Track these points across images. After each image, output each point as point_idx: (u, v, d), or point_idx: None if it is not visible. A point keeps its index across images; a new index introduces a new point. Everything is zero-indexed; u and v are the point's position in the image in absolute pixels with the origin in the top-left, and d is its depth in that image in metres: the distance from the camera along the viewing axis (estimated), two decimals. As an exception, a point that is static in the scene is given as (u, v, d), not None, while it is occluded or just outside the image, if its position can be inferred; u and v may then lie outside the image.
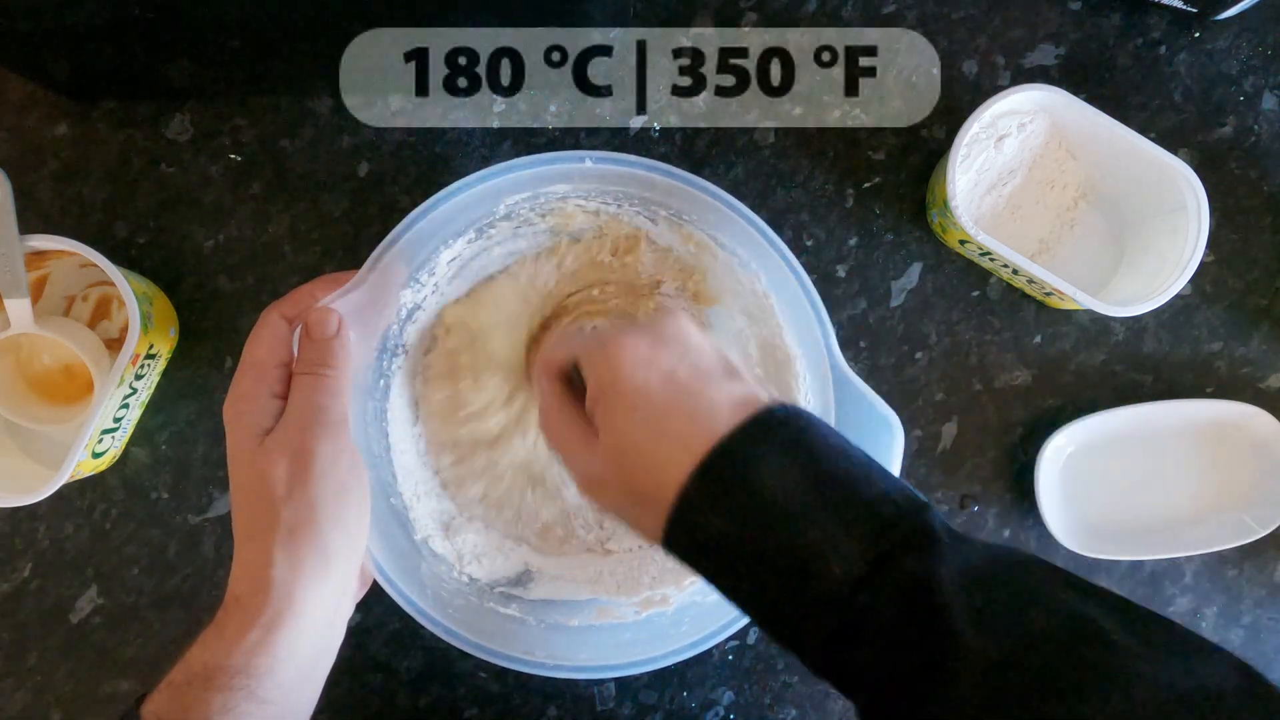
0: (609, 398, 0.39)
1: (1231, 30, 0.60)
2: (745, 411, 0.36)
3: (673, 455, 0.36)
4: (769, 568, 0.34)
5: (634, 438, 0.38)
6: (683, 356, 0.39)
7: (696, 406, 0.37)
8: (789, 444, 0.35)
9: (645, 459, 0.37)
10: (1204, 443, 0.59)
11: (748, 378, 0.39)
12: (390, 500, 0.53)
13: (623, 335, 0.40)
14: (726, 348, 0.41)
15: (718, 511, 0.35)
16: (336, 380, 0.43)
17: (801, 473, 0.35)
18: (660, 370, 0.38)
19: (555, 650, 0.51)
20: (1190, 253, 0.53)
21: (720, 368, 0.39)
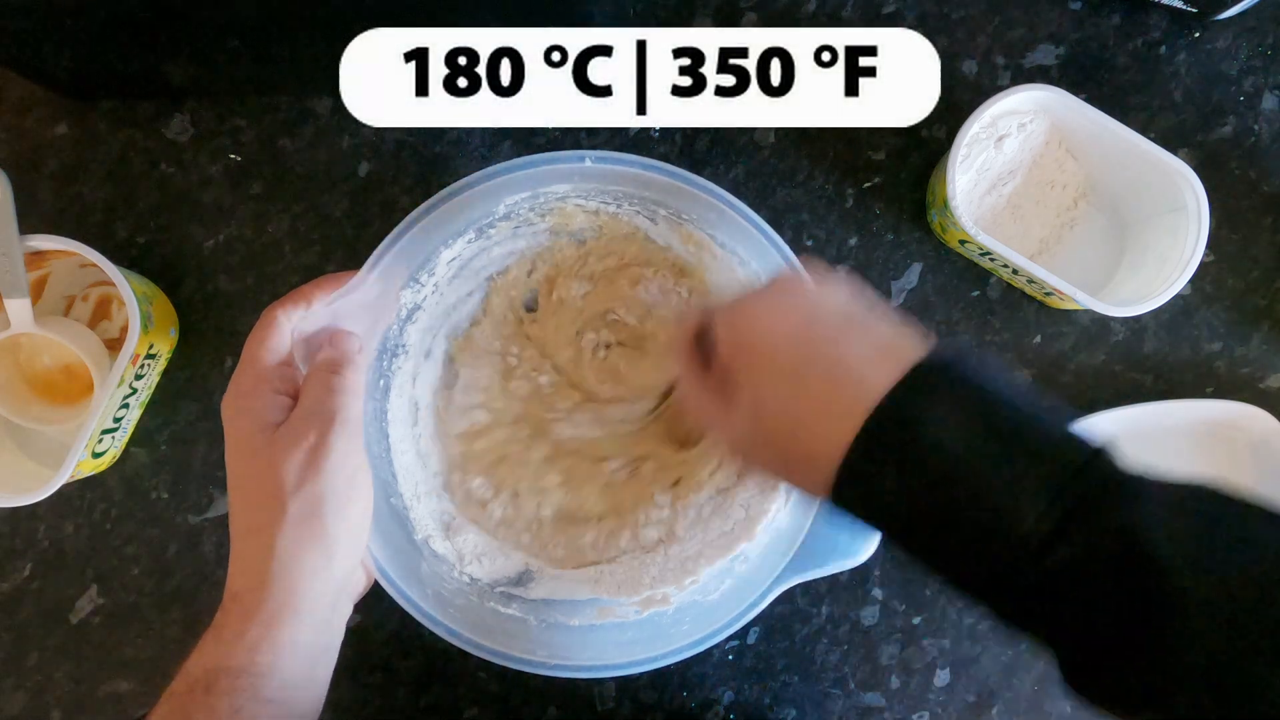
0: (746, 365, 0.38)
1: (1231, 30, 0.60)
2: (895, 362, 0.34)
3: (821, 419, 0.35)
4: (952, 525, 0.33)
5: (778, 406, 0.37)
6: (814, 314, 0.38)
7: (839, 363, 0.35)
8: (954, 393, 0.34)
9: (793, 427, 0.36)
10: (1204, 443, 0.59)
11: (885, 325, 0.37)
12: (390, 500, 0.54)
13: (751, 301, 0.40)
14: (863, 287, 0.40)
15: (886, 476, 0.34)
16: (356, 381, 0.44)
17: (972, 422, 0.33)
18: (792, 332, 0.37)
19: (556, 650, 0.51)
20: (1190, 253, 0.53)
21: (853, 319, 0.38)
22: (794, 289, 0.40)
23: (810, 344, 0.37)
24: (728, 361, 0.40)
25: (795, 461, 0.37)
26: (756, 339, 0.38)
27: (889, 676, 0.59)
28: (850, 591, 0.59)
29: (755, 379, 0.38)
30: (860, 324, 0.37)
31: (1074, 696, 0.33)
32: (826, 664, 0.59)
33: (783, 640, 0.59)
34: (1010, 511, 0.32)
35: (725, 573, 0.54)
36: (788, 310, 0.38)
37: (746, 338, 0.38)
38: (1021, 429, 0.33)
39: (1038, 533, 0.31)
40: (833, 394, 0.35)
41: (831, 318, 0.38)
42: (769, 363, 0.37)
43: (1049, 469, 0.32)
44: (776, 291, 0.40)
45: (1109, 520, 0.31)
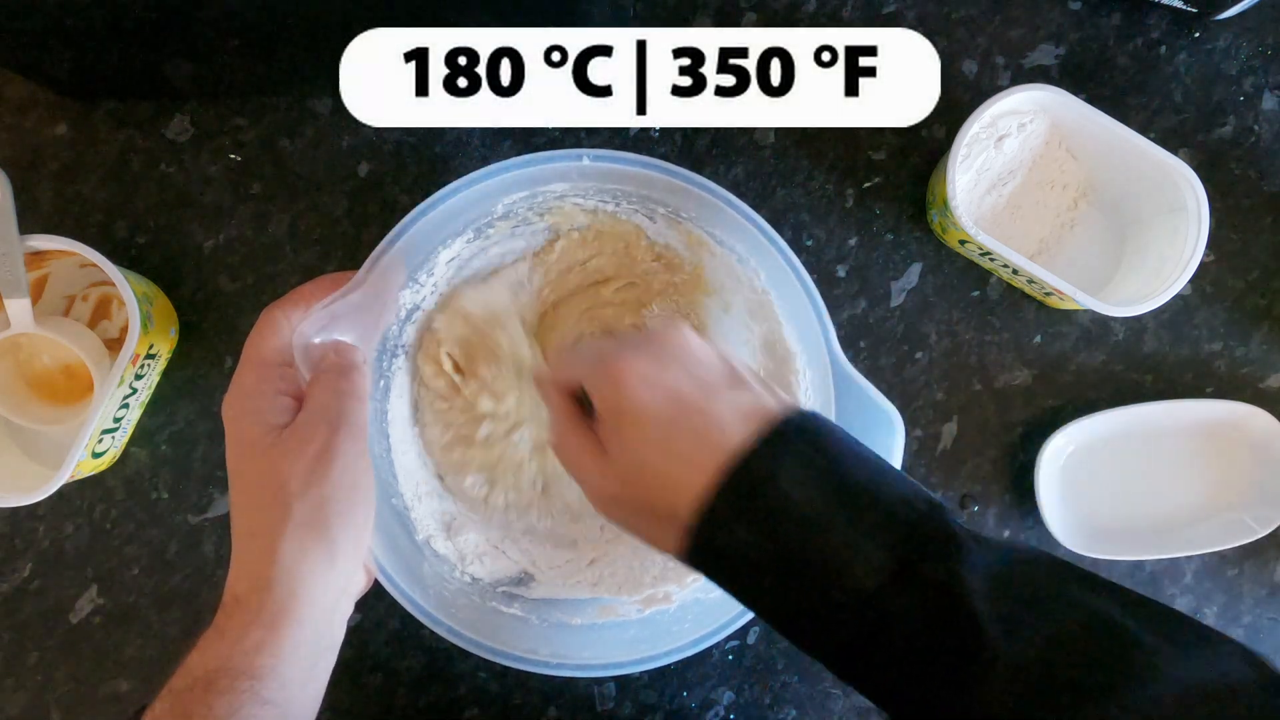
0: (616, 419, 0.39)
1: (1231, 30, 0.60)
2: (756, 423, 0.36)
3: (685, 475, 0.36)
4: (793, 577, 0.35)
5: (644, 458, 0.38)
6: (687, 371, 0.39)
7: (705, 423, 0.37)
8: (806, 453, 0.36)
9: (658, 479, 0.37)
10: (1204, 443, 0.59)
11: (753, 384, 0.39)
12: (392, 501, 0.54)
13: (624, 355, 0.39)
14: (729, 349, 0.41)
15: (739, 525, 0.35)
16: (361, 386, 0.44)
17: (821, 481, 0.35)
18: (665, 388, 0.38)
19: (558, 649, 0.51)
20: (1190, 253, 0.53)
21: (725, 378, 0.39)
22: (668, 343, 0.40)
23: (680, 401, 0.38)
24: (604, 414, 0.40)
25: (657, 518, 0.38)
26: (630, 395, 0.38)
27: (889, 676, 0.59)
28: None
29: (627, 435, 0.38)
30: (732, 382, 0.39)
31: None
32: (826, 664, 0.59)
33: (783, 640, 0.59)
34: (846, 564, 0.33)
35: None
36: (661, 367, 0.39)
37: (621, 394, 0.38)
38: (868, 487, 0.35)
39: (873, 584, 0.33)
40: (697, 450, 0.36)
41: (704, 375, 0.39)
42: (641, 419, 0.38)
43: (888, 524, 0.34)
44: (651, 346, 0.40)
45: (936, 574, 0.33)
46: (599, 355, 0.41)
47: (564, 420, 0.43)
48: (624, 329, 0.57)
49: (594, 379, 0.41)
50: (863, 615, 0.33)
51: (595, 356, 0.41)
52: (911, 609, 0.33)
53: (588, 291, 0.57)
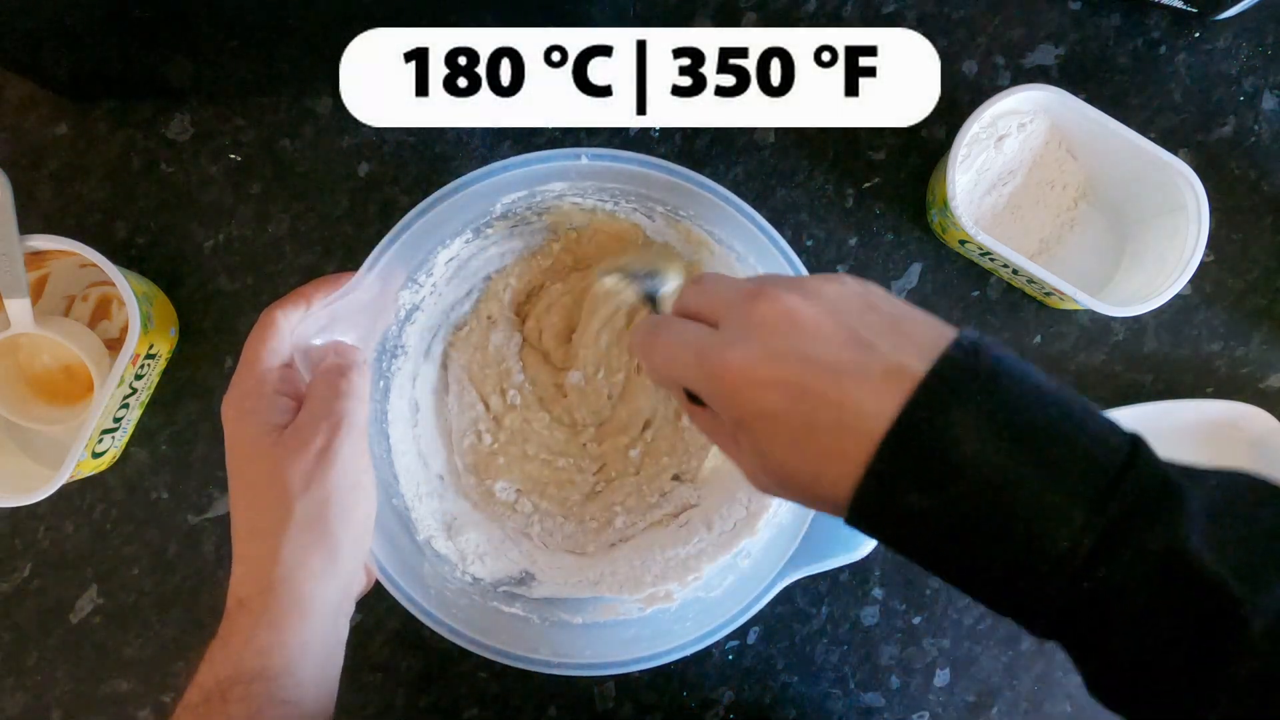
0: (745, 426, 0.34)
1: (1231, 30, 0.60)
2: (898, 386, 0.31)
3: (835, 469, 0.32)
4: (983, 545, 0.30)
5: (784, 462, 0.33)
6: (802, 353, 0.33)
7: (841, 413, 0.32)
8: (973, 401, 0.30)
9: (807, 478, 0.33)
10: (1204, 443, 0.59)
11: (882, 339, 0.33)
12: (392, 501, 0.54)
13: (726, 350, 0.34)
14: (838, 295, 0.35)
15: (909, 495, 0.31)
16: (361, 386, 0.44)
17: (999, 430, 0.30)
18: (784, 384, 0.33)
19: (559, 648, 0.51)
20: (1190, 253, 0.53)
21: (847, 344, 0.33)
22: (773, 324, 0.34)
23: (807, 395, 0.32)
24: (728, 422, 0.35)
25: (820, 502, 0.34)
26: (749, 403, 0.33)
27: (889, 676, 0.59)
28: (850, 591, 0.59)
29: (758, 439, 0.34)
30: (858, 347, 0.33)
31: (1103, 705, 0.32)
32: (826, 664, 0.59)
33: (783, 640, 0.59)
34: (1044, 530, 0.29)
35: (728, 569, 0.54)
36: (772, 361, 0.33)
37: (738, 402, 0.34)
38: (1055, 430, 0.30)
39: (1076, 552, 0.29)
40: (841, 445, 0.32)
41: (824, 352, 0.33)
42: (769, 423, 0.33)
43: (1086, 475, 0.29)
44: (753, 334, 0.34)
45: (1152, 537, 0.29)
46: (696, 349, 0.36)
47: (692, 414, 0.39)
48: None
49: (701, 386, 0.36)
50: (1069, 584, 0.29)
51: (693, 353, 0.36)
52: (1133, 577, 0.29)
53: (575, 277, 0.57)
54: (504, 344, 0.57)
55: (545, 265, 0.57)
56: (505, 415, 0.57)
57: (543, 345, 0.57)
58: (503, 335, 0.57)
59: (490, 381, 0.57)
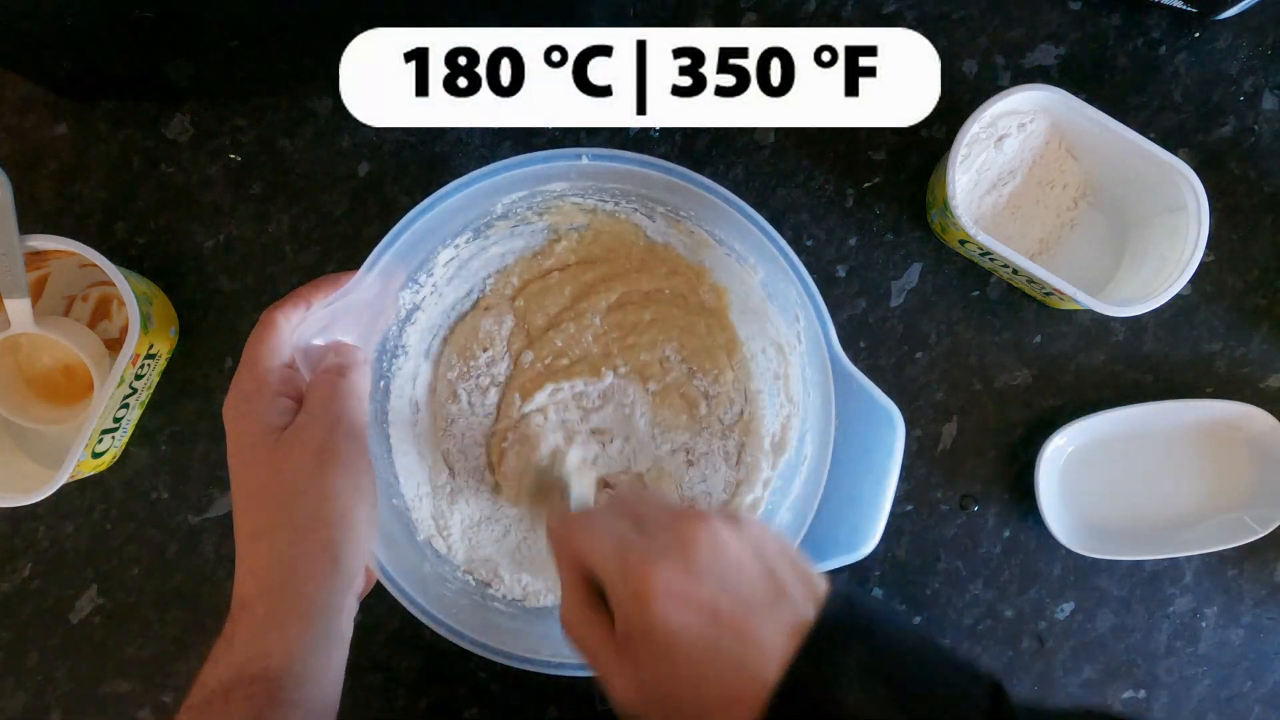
0: (642, 641, 0.34)
1: (1231, 30, 0.60)
2: (798, 638, 0.32)
3: (724, 707, 0.32)
4: None
5: (673, 687, 0.33)
6: (723, 583, 0.34)
7: (745, 650, 0.32)
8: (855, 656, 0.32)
9: (690, 710, 0.33)
10: (1204, 443, 0.59)
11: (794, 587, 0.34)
12: (393, 501, 0.54)
13: (650, 560, 0.34)
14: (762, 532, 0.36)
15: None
16: (361, 385, 0.44)
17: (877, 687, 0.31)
18: (699, 607, 0.33)
19: (558, 649, 0.51)
20: (1190, 253, 0.53)
21: (765, 588, 0.34)
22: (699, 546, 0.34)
23: (718, 621, 0.33)
24: (626, 629, 0.35)
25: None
26: (659, 616, 0.33)
27: (889, 676, 0.59)
28: None
29: (655, 658, 0.33)
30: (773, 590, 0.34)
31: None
32: (826, 664, 0.59)
33: (783, 640, 0.59)
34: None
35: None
36: (693, 580, 0.33)
37: (648, 612, 0.33)
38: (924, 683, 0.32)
39: None
40: (736, 682, 0.32)
41: (743, 586, 0.34)
42: (671, 644, 0.33)
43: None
44: (680, 551, 0.34)
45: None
46: (619, 549, 0.36)
47: (576, 604, 0.37)
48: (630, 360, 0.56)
49: (613, 582, 0.35)
50: None
51: (615, 548, 0.36)
52: None
53: (580, 305, 0.57)
54: (494, 329, 0.56)
55: (546, 265, 0.57)
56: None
57: (529, 325, 0.57)
58: (493, 320, 0.57)
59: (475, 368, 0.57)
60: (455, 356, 0.56)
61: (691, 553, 0.34)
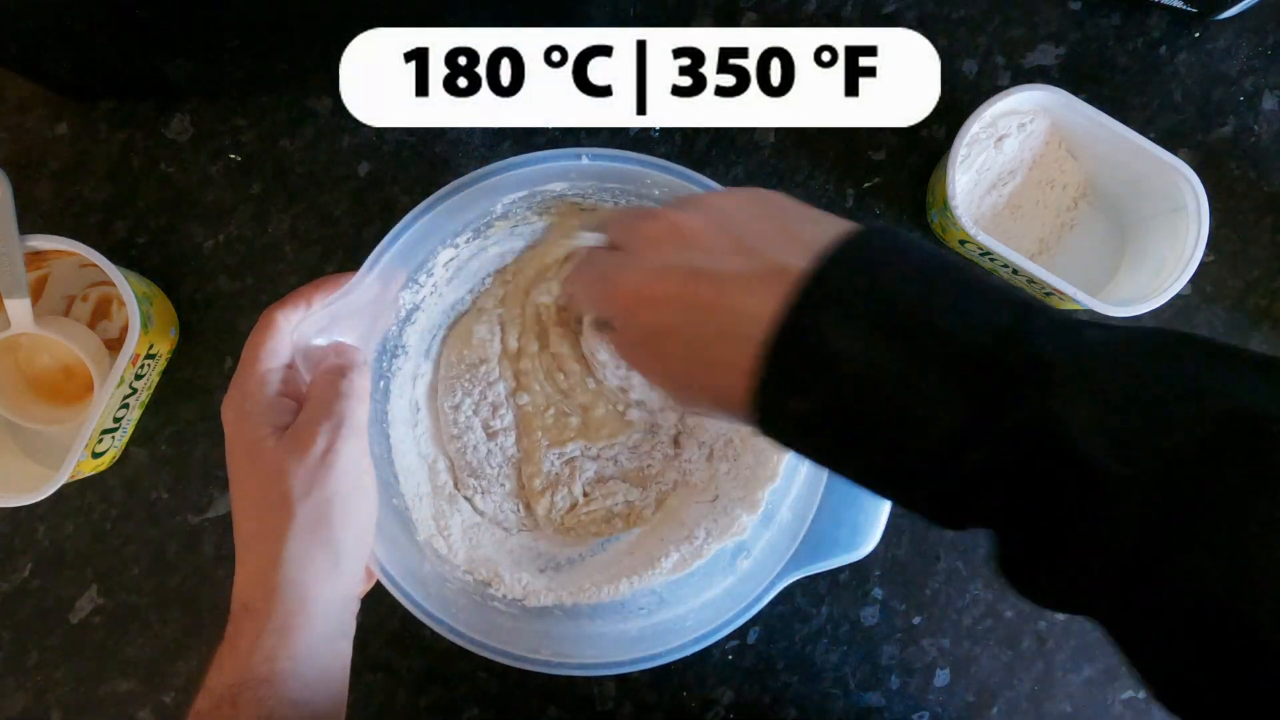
0: (639, 345, 0.36)
1: (1231, 30, 0.60)
2: (782, 288, 0.31)
3: (727, 377, 0.32)
4: (867, 440, 0.31)
5: (679, 374, 0.35)
6: (689, 266, 0.34)
7: (727, 320, 0.32)
8: (848, 300, 0.30)
9: (701, 388, 0.34)
10: (1204, 442, 0.59)
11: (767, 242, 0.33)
12: (393, 501, 0.54)
13: (620, 272, 0.36)
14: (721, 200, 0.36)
15: (798, 401, 0.31)
16: (362, 386, 0.44)
17: (873, 327, 0.30)
18: (673, 298, 0.34)
19: (558, 649, 0.51)
20: (1190, 253, 0.53)
21: (732, 251, 0.34)
22: (658, 239, 0.35)
23: (696, 309, 0.33)
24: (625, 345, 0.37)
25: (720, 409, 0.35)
26: (643, 321, 0.35)
27: (889, 676, 0.59)
28: (850, 591, 0.59)
29: (660, 361, 0.35)
30: (739, 252, 0.33)
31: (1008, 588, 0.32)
32: (826, 664, 0.59)
33: (783, 640, 0.59)
34: (920, 419, 0.29)
35: (727, 569, 0.54)
36: (662, 275, 0.34)
37: (635, 325, 0.35)
38: (926, 321, 0.30)
39: (949, 439, 0.29)
40: (730, 351, 0.32)
41: (709, 261, 0.34)
42: (663, 339, 0.34)
43: (959, 362, 0.29)
44: (641, 251, 0.36)
45: (1023, 413, 0.28)
46: (594, 276, 0.38)
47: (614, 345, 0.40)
48: None
49: (605, 311, 0.37)
50: (948, 471, 0.29)
51: (595, 282, 0.38)
52: (1001, 460, 0.28)
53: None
54: (488, 339, 0.56)
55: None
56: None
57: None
58: (486, 329, 0.56)
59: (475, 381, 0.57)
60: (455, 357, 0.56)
61: (653, 251, 0.35)
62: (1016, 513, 0.29)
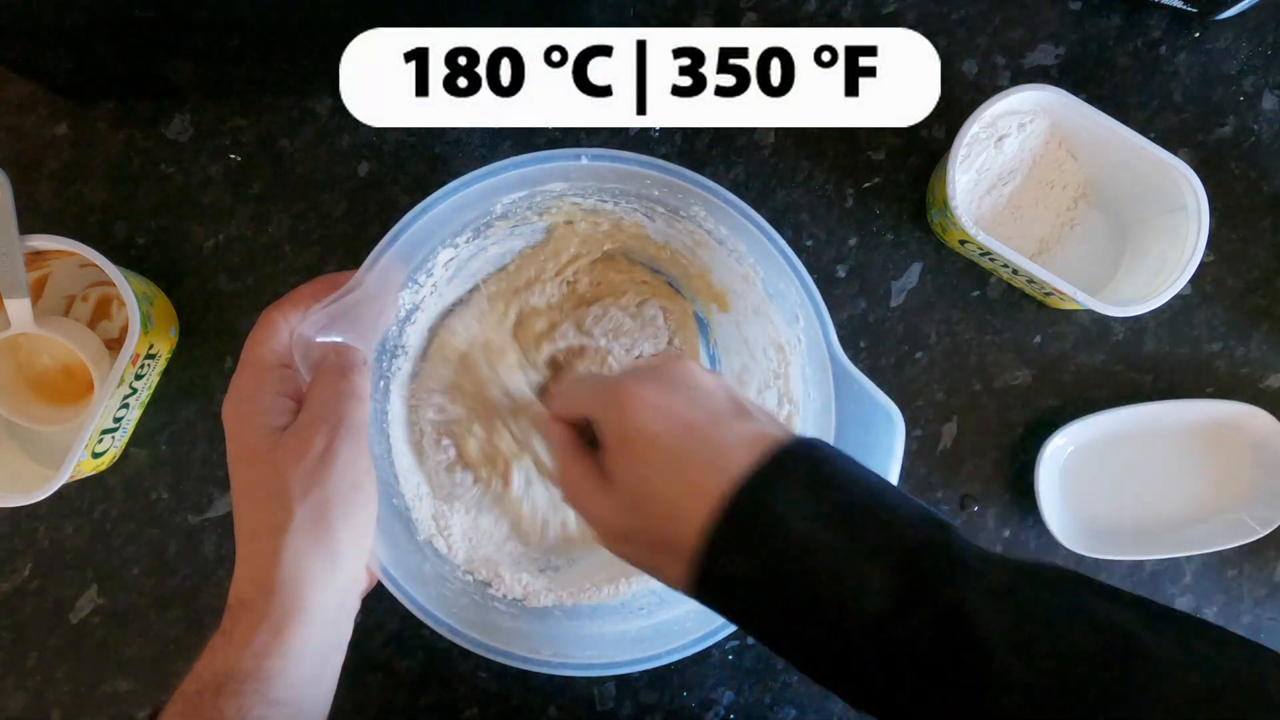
0: (622, 445, 0.39)
1: (1231, 30, 0.60)
2: (759, 450, 0.36)
3: (691, 501, 0.35)
4: (798, 607, 0.34)
5: (651, 487, 0.37)
6: (693, 401, 0.39)
7: (711, 451, 0.36)
8: (807, 479, 0.35)
9: (663, 507, 0.37)
10: (1204, 443, 0.59)
11: (758, 415, 0.39)
12: (393, 501, 0.54)
13: (633, 384, 0.39)
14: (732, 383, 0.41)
15: (741, 553, 0.34)
16: (362, 386, 0.44)
17: (821, 507, 0.34)
18: (673, 415, 0.38)
19: (558, 649, 0.51)
20: (1190, 253, 0.53)
21: (731, 408, 0.39)
22: (675, 373, 0.40)
23: (691, 429, 0.37)
24: (611, 440, 0.39)
25: (662, 548, 0.37)
26: (641, 421, 0.38)
27: (889, 676, 0.59)
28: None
29: (636, 460, 0.38)
30: (738, 412, 0.39)
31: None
32: (826, 664, 0.59)
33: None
34: (850, 590, 0.33)
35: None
36: (671, 395, 0.39)
37: (632, 420, 0.38)
38: (868, 511, 0.34)
39: (878, 612, 0.32)
40: (702, 478, 0.36)
41: (713, 404, 0.39)
42: (651, 445, 0.38)
43: (891, 548, 0.33)
44: (659, 375, 0.40)
45: (942, 599, 0.32)
46: (605, 385, 0.41)
47: (565, 450, 0.42)
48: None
49: (600, 406, 0.40)
50: (869, 643, 0.33)
51: (601, 386, 0.41)
52: (919, 636, 0.32)
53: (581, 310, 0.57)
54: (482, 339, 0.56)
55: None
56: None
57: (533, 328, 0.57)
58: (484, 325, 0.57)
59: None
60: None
61: (667, 376, 0.40)
62: (921, 691, 0.32)
